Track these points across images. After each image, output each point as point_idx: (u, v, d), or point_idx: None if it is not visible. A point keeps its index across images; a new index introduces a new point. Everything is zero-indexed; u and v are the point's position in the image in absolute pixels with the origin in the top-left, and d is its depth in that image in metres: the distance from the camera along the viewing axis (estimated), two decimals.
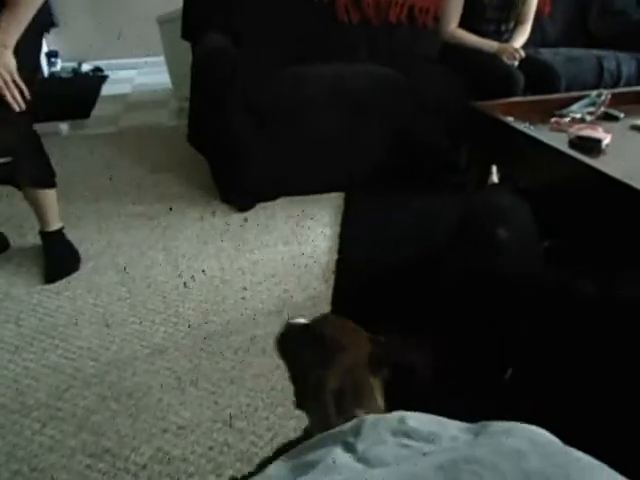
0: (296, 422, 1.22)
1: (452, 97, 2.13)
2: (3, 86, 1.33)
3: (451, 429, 0.55)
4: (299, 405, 0.76)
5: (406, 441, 0.51)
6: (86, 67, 4.56)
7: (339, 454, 0.49)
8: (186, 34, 2.56)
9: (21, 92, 1.38)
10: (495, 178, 2.24)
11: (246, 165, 2.14)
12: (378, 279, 1.76)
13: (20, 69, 1.37)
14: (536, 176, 1.56)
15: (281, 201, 2.26)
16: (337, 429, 0.54)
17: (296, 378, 0.77)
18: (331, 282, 1.74)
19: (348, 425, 0.56)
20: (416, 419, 0.56)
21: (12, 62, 1.34)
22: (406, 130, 2.25)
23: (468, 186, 1.95)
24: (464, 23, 2.23)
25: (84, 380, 1.36)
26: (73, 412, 1.27)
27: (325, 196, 2.28)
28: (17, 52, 1.36)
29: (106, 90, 4.08)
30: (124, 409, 1.27)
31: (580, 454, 0.46)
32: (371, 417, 0.54)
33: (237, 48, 2.15)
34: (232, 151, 2.13)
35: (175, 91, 3.66)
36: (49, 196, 1.74)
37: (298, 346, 0.77)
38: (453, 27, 2.23)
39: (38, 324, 1.56)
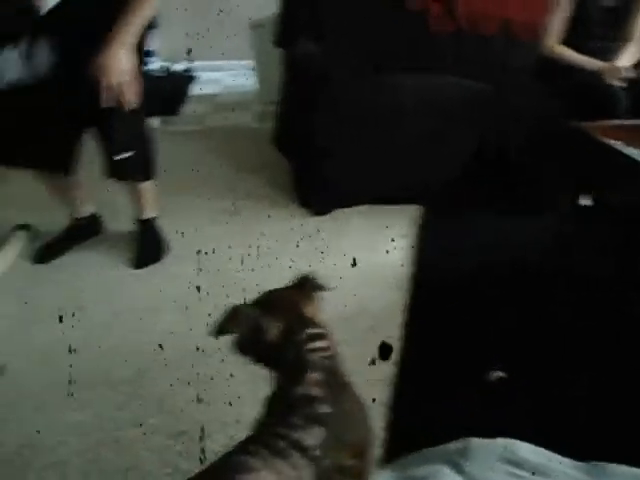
0: None
1: (547, 115, 2.04)
2: (123, 85, 1.42)
3: (561, 464, 0.53)
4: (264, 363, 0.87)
5: (516, 471, 0.49)
6: (178, 67, 4.82)
7: (448, 474, 0.48)
8: (278, 41, 2.64)
9: (134, 90, 1.48)
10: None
11: (328, 170, 2.17)
12: (453, 294, 1.71)
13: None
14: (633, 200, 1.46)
15: (358, 208, 2.26)
16: (440, 447, 0.54)
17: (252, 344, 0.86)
18: (406, 294, 1.72)
19: (453, 445, 0.55)
20: (525, 449, 0.54)
21: (131, 62, 1.43)
22: (493, 145, 2.18)
23: (559, 207, 1.86)
24: (568, 39, 2.13)
25: (164, 363, 1.43)
26: (153, 392, 1.34)
27: (404, 207, 2.25)
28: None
29: (195, 90, 4.29)
30: (200, 395, 1.32)
31: None
32: (478, 440, 0.53)
33: (328, 55, 2.19)
34: (316, 155, 2.17)
35: (261, 94, 3.78)
36: (149, 186, 1.84)
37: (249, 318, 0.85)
38: (555, 42, 2.14)
39: (126, 304, 1.67)
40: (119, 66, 1.42)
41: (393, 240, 2.03)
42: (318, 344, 0.81)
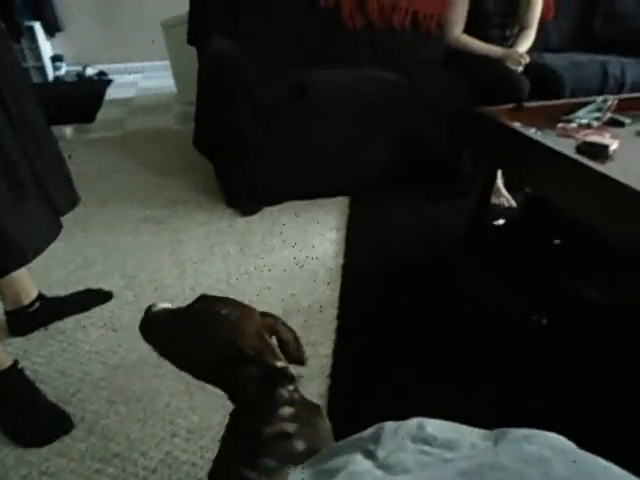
0: None
1: (457, 102, 2.13)
2: None
3: (469, 436, 0.55)
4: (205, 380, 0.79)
5: (426, 448, 0.51)
6: (90, 71, 4.57)
7: (360, 461, 0.49)
8: (192, 39, 2.58)
9: None
10: (500, 183, 2.25)
11: (252, 169, 2.15)
12: (384, 282, 1.76)
13: None
14: (543, 181, 1.57)
15: (287, 205, 2.26)
16: (356, 436, 0.55)
17: (196, 361, 0.78)
18: (337, 286, 1.74)
19: (367, 432, 0.56)
20: (434, 426, 0.56)
21: None
22: (411, 135, 2.26)
23: (473, 191, 1.96)
24: (469, 29, 2.24)
25: (92, 384, 1.36)
26: (82, 416, 1.27)
27: (331, 200, 2.29)
28: None
29: (111, 94, 4.10)
30: (133, 413, 1.27)
31: (606, 462, 0.46)
32: (390, 424, 0.54)
33: (244, 53, 2.17)
34: (238, 155, 2.14)
35: (180, 95, 3.68)
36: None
37: (183, 330, 0.77)
38: (458, 33, 2.24)
39: (46, 328, 1.57)
40: None
41: (323, 234, 2.05)
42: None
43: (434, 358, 1.42)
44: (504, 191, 2.25)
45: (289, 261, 1.89)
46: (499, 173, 2.20)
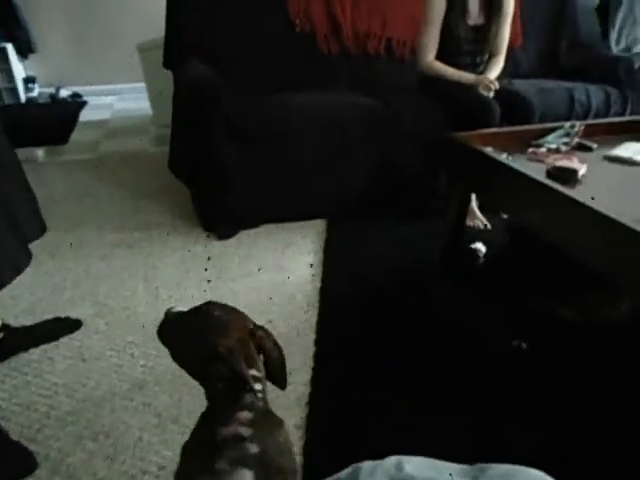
0: None
1: (430, 127, 2.17)
2: None
3: (449, 473, 0.54)
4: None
5: None
6: (64, 93, 4.53)
7: None
8: (167, 63, 2.58)
9: None
10: (475, 205, 2.28)
11: (229, 192, 2.14)
12: (362, 307, 1.75)
13: None
14: (515, 205, 1.59)
15: (264, 228, 2.25)
16: (334, 477, 0.53)
17: (185, 358, 0.84)
18: (315, 311, 1.73)
19: (344, 473, 0.55)
20: (413, 464, 0.54)
21: None
22: (387, 159, 2.28)
23: (448, 213, 1.98)
24: (441, 55, 2.29)
25: (59, 419, 1.30)
26: (46, 454, 1.21)
27: (308, 223, 2.28)
28: None
29: (85, 116, 4.05)
30: (101, 449, 1.21)
31: None
32: (367, 465, 0.53)
33: (221, 77, 2.17)
34: (214, 178, 2.13)
35: (155, 118, 3.66)
36: None
37: (182, 328, 0.84)
38: (430, 59, 2.30)
39: (10, 360, 1.50)
40: None
41: (300, 258, 2.04)
42: (256, 386, 0.77)
43: (413, 384, 1.40)
44: (479, 214, 2.28)
45: (266, 285, 1.87)
46: (473, 196, 2.24)
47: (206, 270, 1.94)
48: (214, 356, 0.76)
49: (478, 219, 2.27)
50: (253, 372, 0.78)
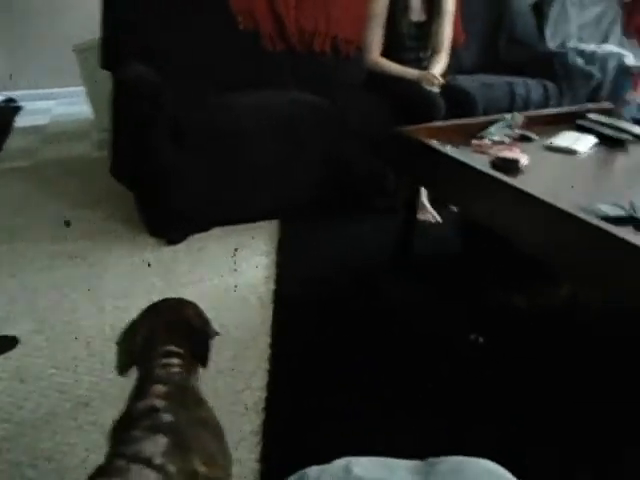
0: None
1: (377, 123, 2.17)
2: None
3: (399, 472, 0.52)
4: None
5: None
6: None
7: None
8: (105, 64, 2.46)
9: None
10: (425, 199, 2.31)
11: (176, 196, 2.06)
12: (317, 307, 1.73)
13: None
14: (461, 196, 1.61)
15: (214, 232, 2.18)
16: None
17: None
18: (269, 314, 1.69)
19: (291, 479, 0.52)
20: (362, 466, 0.52)
21: None
22: (336, 156, 2.27)
23: (399, 209, 1.99)
24: (386, 51, 2.31)
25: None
26: None
27: (260, 224, 2.24)
28: None
29: (21, 122, 3.83)
30: (43, 475, 1.13)
31: None
32: (313, 470, 0.50)
33: (162, 77, 2.09)
34: (160, 182, 2.05)
35: (97, 122, 3.50)
36: None
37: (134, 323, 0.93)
38: (376, 56, 2.31)
39: None
40: None
41: (253, 260, 1.99)
42: (173, 361, 0.83)
43: (370, 384, 1.38)
44: (430, 207, 2.31)
45: (218, 290, 1.81)
46: (424, 190, 2.26)
47: (153, 278, 1.86)
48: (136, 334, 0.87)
49: (429, 213, 2.30)
50: (171, 347, 0.85)
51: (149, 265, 1.94)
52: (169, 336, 0.86)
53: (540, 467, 1.14)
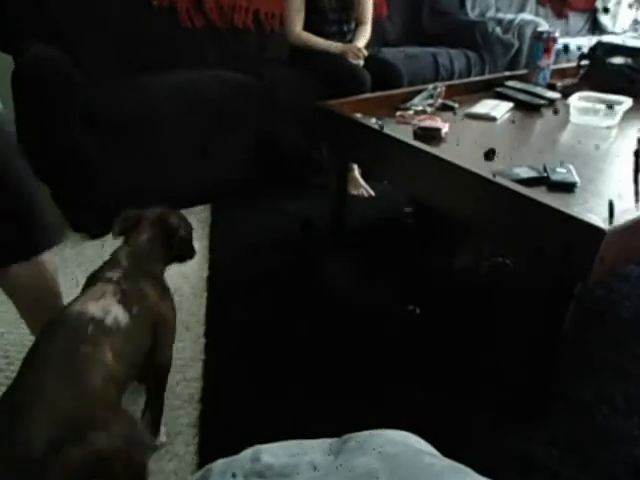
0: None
1: (305, 98, 2.13)
2: None
3: (310, 454, 0.51)
4: None
5: None
6: None
7: None
8: (4, 46, 2.25)
9: None
10: (357, 174, 2.31)
11: (94, 186, 1.94)
12: (253, 290, 1.69)
13: None
14: (387, 168, 1.61)
15: None
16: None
17: None
18: (204, 301, 1.64)
19: (196, 476, 0.49)
20: (271, 452, 0.50)
21: None
22: (265, 134, 2.22)
23: (330, 184, 1.97)
24: (309, 25, 2.26)
25: None
26: None
27: (190, 211, 2.15)
28: None
29: None
30: None
31: (434, 459, 0.44)
32: (219, 463, 0.48)
33: (69, 57, 1.93)
34: (77, 172, 1.91)
35: (8, 113, 3.22)
36: None
37: None
38: (298, 30, 2.25)
39: None
40: None
41: None
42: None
43: (310, 367, 1.37)
44: (362, 181, 2.31)
45: None
46: (355, 165, 2.26)
47: (78, 275, 1.76)
48: None
49: (362, 187, 2.30)
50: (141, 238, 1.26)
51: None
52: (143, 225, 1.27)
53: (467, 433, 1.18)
